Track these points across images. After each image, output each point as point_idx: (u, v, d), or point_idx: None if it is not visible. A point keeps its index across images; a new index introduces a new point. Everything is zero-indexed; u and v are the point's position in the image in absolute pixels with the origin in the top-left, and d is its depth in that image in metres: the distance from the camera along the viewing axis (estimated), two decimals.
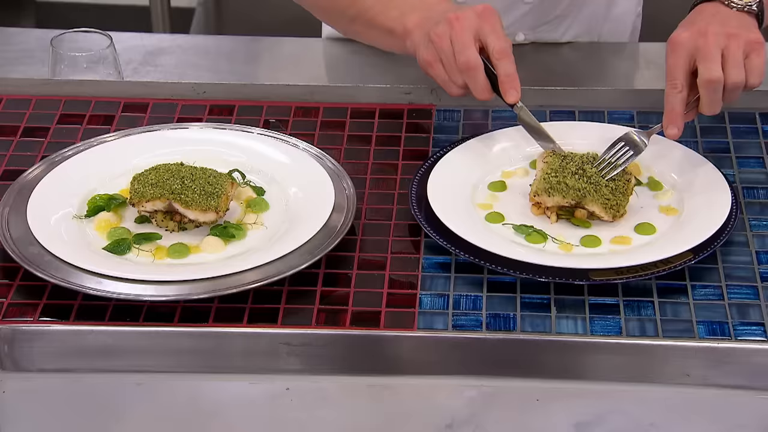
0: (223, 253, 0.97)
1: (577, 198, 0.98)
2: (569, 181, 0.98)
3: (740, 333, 0.90)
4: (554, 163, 1.00)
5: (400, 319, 0.92)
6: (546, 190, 0.98)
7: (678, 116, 1.00)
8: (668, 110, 1.00)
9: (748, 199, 1.03)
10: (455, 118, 1.13)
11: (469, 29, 1.02)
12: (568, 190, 0.98)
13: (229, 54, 1.27)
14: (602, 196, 0.98)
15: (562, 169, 0.99)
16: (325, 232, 0.97)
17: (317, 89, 1.15)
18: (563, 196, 0.98)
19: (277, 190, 1.03)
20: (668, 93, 1.00)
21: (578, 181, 0.98)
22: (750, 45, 0.99)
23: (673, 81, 1.00)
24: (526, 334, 0.91)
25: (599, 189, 0.98)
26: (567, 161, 1.00)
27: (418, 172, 1.05)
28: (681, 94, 0.99)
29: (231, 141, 1.07)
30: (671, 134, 1.01)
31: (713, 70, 0.97)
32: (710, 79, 0.98)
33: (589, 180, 0.98)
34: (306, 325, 0.92)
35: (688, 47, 0.99)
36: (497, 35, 1.02)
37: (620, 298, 0.93)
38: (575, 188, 0.98)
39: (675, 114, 1.00)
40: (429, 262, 0.97)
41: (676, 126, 1.00)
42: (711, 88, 0.98)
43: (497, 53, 1.02)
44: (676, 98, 1.00)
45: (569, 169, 0.99)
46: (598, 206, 0.98)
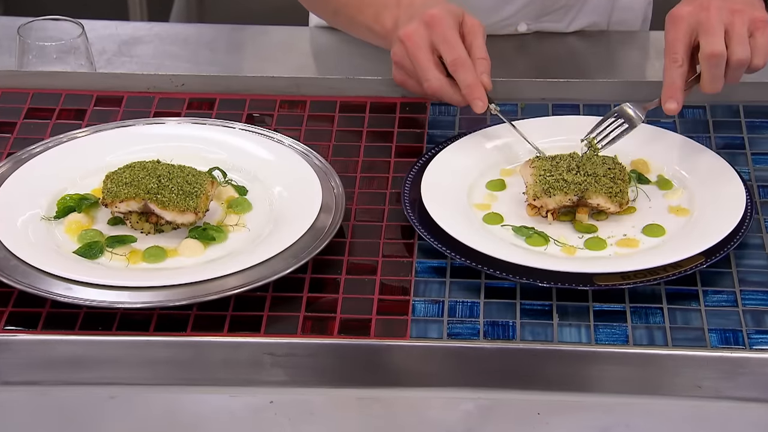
0: (203, 256, 0.97)
1: (579, 192, 0.98)
2: (567, 176, 0.98)
3: (755, 342, 0.90)
4: (545, 165, 1.00)
5: (391, 327, 0.92)
6: (545, 191, 0.98)
7: (678, 90, 1.00)
8: (668, 84, 1.00)
9: (764, 198, 1.03)
10: (451, 113, 1.13)
11: (423, 46, 1.04)
12: (568, 186, 0.98)
13: (210, 43, 1.27)
14: (604, 185, 0.98)
15: (556, 168, 0.99)
16: (312, 234, 0.97)
17: (304, 81, 1.15)
18: (565, 192, 0.98)
19: (261, 189, 1.03)
20: (668, 67, 1.00)
21: (576, 176, 0.98)
22: (755, 23, 0.99)
23: (674, 54, 0.99)
24: (526, 344, 0.91)
25: (599, 179, 0.98)
26: (557, 161, 1.00)
27: (411, 170, 1.05)
28: (682, 68, 0.99)
29: (211, 137, 1.07)
30: (670, 108, 1.00)
31: (716, 43, 0.97)
32: (713, 53, 0.97)
33: (586, 173, 0.98)
34: (291, 333, 0.92)
35: (690, 21, 0.99)
36: (448, 44, 1.03)
37: (627, 305, 0.93)
38: (575, 182, 0.98)
39: (675, 88, 1.00)
40: (423, 267, 0.97)
41: (675, 100, 1.00)
42: (713, 62, 0.98)
43: (451, 65, 1.03)
44: (676, 72, 0.99)
45: (562, 166, 0.99)
46: (602, 197, 0.98)
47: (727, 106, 1.13)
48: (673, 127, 1.10)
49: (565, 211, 1.00)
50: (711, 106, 1.13)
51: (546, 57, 1.25)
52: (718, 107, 1.13)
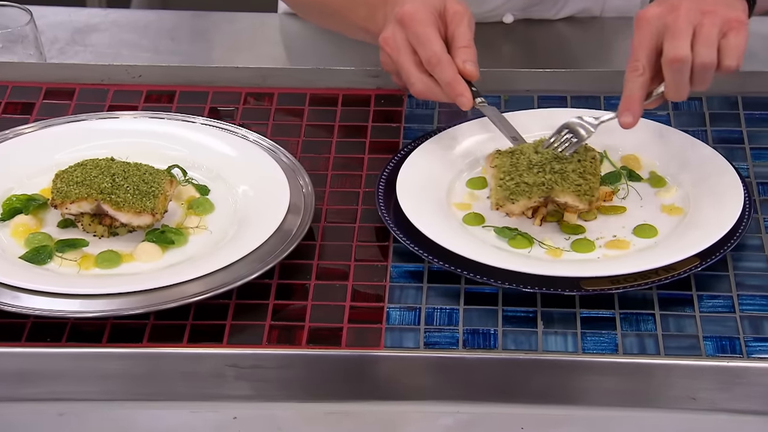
0: (161, 261, 0.97)
1: (545, 194, 0.98)
2: (528, 178, 0.98)
3: (754, 350, 0.91)
4: (504, 165, 0.99)
5: (364, 336, 0.92)
6: (507, 197, 0.97)
7: (635, 102, 0.98)
8: (625, 95, 0.99)
9: (764, 196, 1.04)
10: (429, 105, 1.13)
11: (402, 48, 1.03)
12: (531, 189, 0.97)
13: (172, 32, 1.27)
14: (572, 183, 0.98)
15: (515, 168, 0.98)
16: (279, 236, 0.97)
17: (271, 72, 1.15)
18: (528, 197, 0.98)
19: (224, 188, 1.03)
20: (628, 76, 0.99)
21: (538, 176, 0.98)
22: (728, 23, 0.97)
23: (635, 62, 0.98)
24: (509, 353, 0.91)
25: (566, 176, 0.98)
26: (516, 157, 0.99)
27: (386, 167, 1.05)
28: (642, 77, 0.98)
29: (170, 132, 1.07)
30: (625, 123, 0.99)
31: (679, 47, 0.96)
32: (675, 57, 0.96)
33: (552, 169, 0.98)
34: (256, 344, 0.91)
35: (656, 24, 0.98)
36: (421, 42, 1.03)
37: (616, 311, 0.94)
38: (538, 184, 0.97)
39: (632, 100, 0.98)
40: (398, 271, 0.97)
41: (631, 113, 0.98)
42: (676, 67, 0.97)
43: (428, 64, 1.03)
44: (635, 82, 0.98)
45: (522, 165, 0.99)
46: (570, 195, 0.98)
47: (724, 97, 1.13)
48: (667, 121, 1.11)
49: (552, 212, 1.00)
50: (708, 97, 1.13)
51: (534, 45, 1.25)
52: (714, 99, 1.13)
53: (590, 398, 0.91)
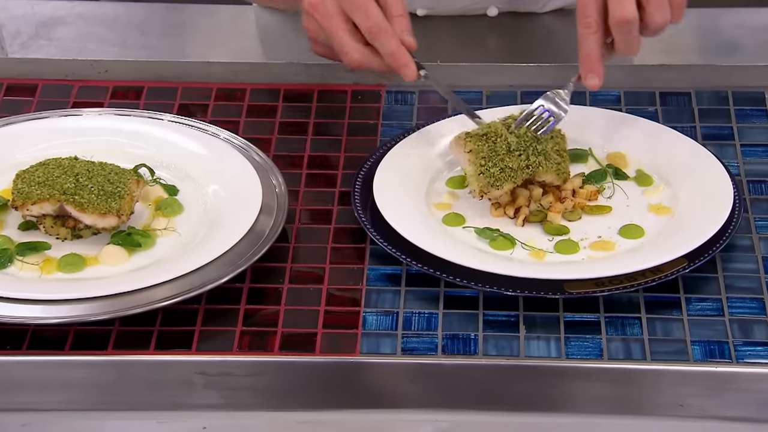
0: (127, 265, 0.96)
1: (529, 175, 0.99)
2: (511, 162, 0.98)
3: (743, 355, 0.91)
4: (481, 150, 0.99)
5: (339, 342, 0.92)
6: (492, 184, 0.97)
7: (596, 61, 0.99)
8: (584, 55, 0.99)
9: (754, 194, 1.04)
10: (408, 101, 1.13)
11: (333, 15, 1.02)
12: (516, 174, 0.98)
13: (142, 25, 1.26)
14: (553, 162, 0.99)
15: (495, 153, 0.98)
16: (251, 238, 0.97)
17: (243, 67, 1.15)
18: (513, 181, 0.98)
19: (193, 188, 1.03)
20: (581, 34, 0.99)
21: (521, 159, 0.98)
22: None
23: (586, 19, 0.98)
24: (490, 359, 0.91)
25: (548, 156, 0.99)
26: (492, 141, 0.99)
27: (363, 166, 1.05)
28: (596, 34, 0.98)
29: (136, 130, 1.07)
30: (592, 85, 0.99)
31: (626, 8, 0.96)
32: (623, 19, 0.97)
33: (535, 151, 0.99)
34: (226, 350, 0.91)
35: None
36: (360, 9, 1.02)
37: (601, 315, 0.94)
38: (522, 167, 0.98)
39: (593, 59, 0.99)
40: (375, 274, 0.97)
41: (595, 74, 0.99)
42: (625, 29, 0.97)
43: (368, 33, 1.02)
44: (591, 39, 0.98)
45: (501, 149, 0.99)
46: (551, 174, 0.99)
47: (714, 92, 1.14)
48: (654, 116, 1.11)
49: (535, 212, 1.00)
50: (697, 92, 1.14)
51: (519, 39, 1.25)
52: (704, 94, 1.14)
53: (574, 405, 0.91)
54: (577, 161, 1.06)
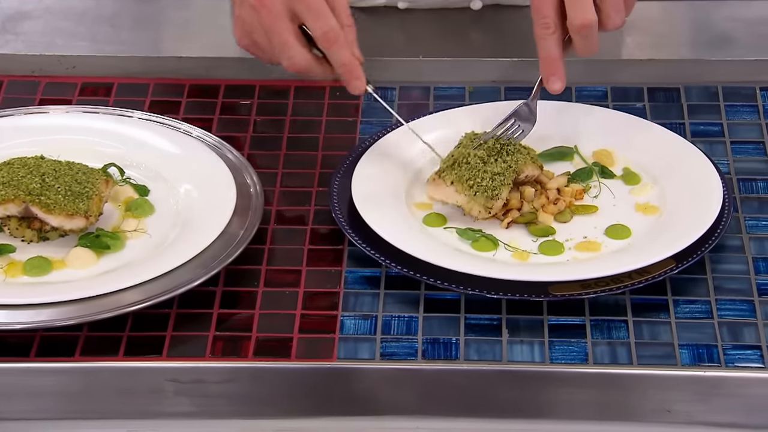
0: (95, 268, 0.96)
1: (515, 173, 1.00)
2: (494, 168, 0.99)
3: (732, 359, 0.91)
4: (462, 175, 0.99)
5: (316, 347, 0.92)
6: (491, 197, 0.98)
7: (557, 63, 0.99)
8: (544, 57, 0.99)
9: (745, 193, 1.04)
10: (389, 97, 1.13)
11: (281, 15, 1.00)
12: (504, 175, 0.98)
13: (111, 18, 1.26)
14: (525, 154, 1.00)
15: (476, 170, 0.99)
16: (224, 240, 0.97)
17: (216, 63, 1.15)
18: (506, 183, 0.99)
19: (164, 188, 1.03)
20: (539, 35, 0.99)
21: (499, 163, 0.99)
22: None
23: (544, 19, 0.98)
24: (472, 364, 0.91)
25: (520, 149, 1.00)
26: (465, 162, 0.99)
27: (341, 165, 1.05)
28: (555, 34, 0.98)
29: (106, 128, 1.07)
30: (555, 89, 1.00)
31: (586, 12, 0.97)
32: (583, 24, 0.97)
33: (508, 151, 1.00)
34: (198, 356, 0.91)
35: None
36: (314, 12, 1.00)
37: (586, 318, 0.94)
38: (507, 167, 0.99)
39: (553, 61, 0.99)
40: (353, 277, 0.97)
41: (557, 77, 0.99)
42: (584, 33, 0.98)
43: (322, 40, 1.01)
44: (550, 40, 0.98)
45: (477, 164, 0.99)
46: (531, 166, 1.00)
47: (703, 87, 1.14)
48: (642, 112, 1.12)
49: (526, 214, 1.00)
50: (685, 87, 1.14)
51: (504, 33, 1.25)
52: (693, 89, 1.14)
53: (558, 411, 0.91)
54: (563, 159, 1.06)
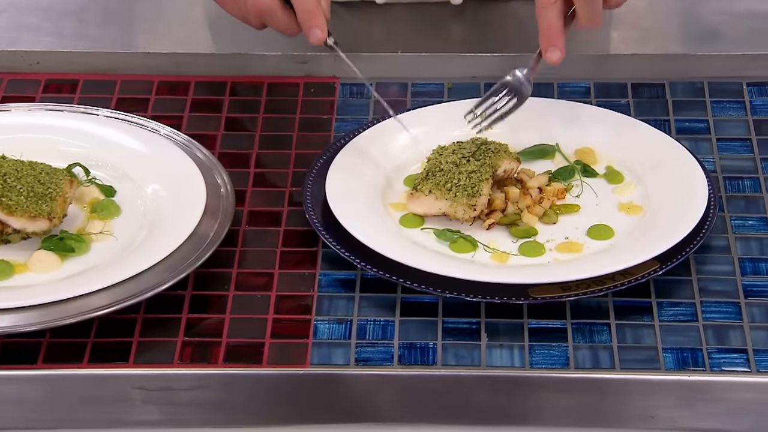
0: (59, 272, 0.96)
1: (492, 168, 1.00)
2: (469, 167, 0.99)
3: (717, 363, 0.91)
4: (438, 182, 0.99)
5: (288, 352, 0.92)
6: (472, 195, 0.98)
7: (558, 33, 1.00)
8: (544, 27, 1.00)
9: (731, 192, 1.05)
10: (365, 94, 1.14)
11: None
12: (480, 171, 0.98)
13: (80, 13, 1.26)
14: (501, 149, 1.01)
15: (451, 174, 0.99)
16: (194, 242, 0.97)
17: (186, 59, 1.15)
18: (484, 179, 0.99)
19: (131, 189, 1.03)
20: (541, 4, 1.00)
21: (473, 162, 0.99)
22: None
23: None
24: (450, 369, 0.91)
25: (492, 145, 1.01)
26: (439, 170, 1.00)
27: (315, 164, 1.05)
28: (556, 4, 0.99)
29: (70, 126, 1.06)
30: (553, 59, 1.01)
31: None
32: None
33: (480, 151, 1.00)
34: (166, 363, 0.91)
35: None
36: None
37: (567, 321, 0.94)
38: (482, 164, 0.99)
39: (553, 31, 1.00)
40: (327, 280, 0.97)
41: (557, 47, 1.00)
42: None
43: None
44: (551, 11, 1.00)
45: (451, 167, 0.99)
46: (507, 158, 1.01)
47: (689, 83, 1.15)
48: (625, 109, 1.12)
49: (510, 215, 1.01)
50: (670, 83, 1.15)
51: (485, 28, 1.25)
52: (678, 85, 1.15)
53: (539, 417, 0.92)
54: (544, 157, 1.06)
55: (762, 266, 0.98)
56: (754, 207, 1.03)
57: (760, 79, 1.14)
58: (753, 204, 1.03)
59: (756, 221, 1.01)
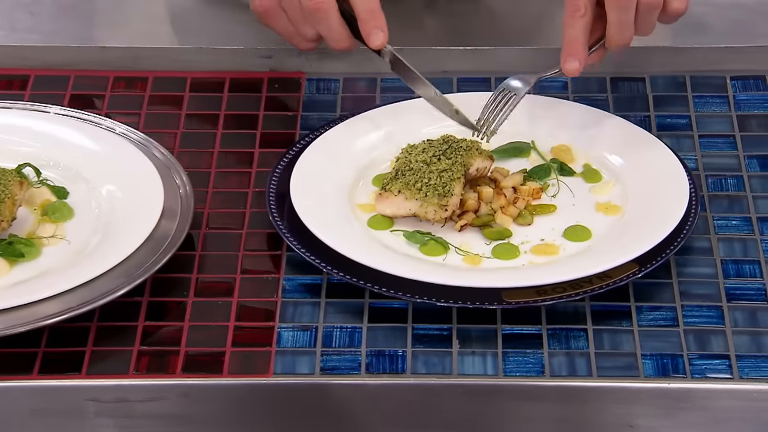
0: (8, 278, 0.96)
1: (464, 167, 1.00)
2: (440, 165, 0.99)
3: (699, 369, 0.92)
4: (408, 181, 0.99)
5: (250, 361, 0.92)
6: (443, 194, 0.98)
7: (580, 46, 1.02)
8: (568, 39, 1.02)
9: (714, 191, 1.05)
10: (332, 90, 1.14)
11: None
12: (452, 171, 0.99)
13: (31, 5, 1.26)
14: (474, 146, 1.01)
15: (421, 173, 0.99)
16: (151, 246, 0.97)
17: (144, 53, 1.15)
18: (457, 178, 0.99)
19: (85, 190, 1.03)
20: (568, 18, 1.02)
21: (443, 160, 0.99)
22: None
23: (576, 2, 1.01)
24: (420, 377, 0.91)
25: (463, 144, 1.01)
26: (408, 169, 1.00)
27: (279, 163, 1.05)
28: (584, 18, 1.01)
29: (20, 124, 1.06)
30: (571, 69, 1.02)
31: None
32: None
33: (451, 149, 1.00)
34: (122, 373, 0.91)
35: None
36: None
37: (543, 327, 0.94)
38: (453, 163, 0.99)
39: (576, 44, 1.02)
40: (292, 285, 0.97)
41: (576, 58, 1.02)
42: (621, 5, 0.99)
43: None
44: (578, 23, 1.01)
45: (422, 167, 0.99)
46: (479, 156, 1.01)
47: (671, 77, 1.15)
48: (604, 105, 1.12)
49: (484, 216, 1.01)
50: (651, 77, 1.15)
51: (454, 20, 1.26)
52: (659, 79, 1.15)
53: (513, 427, 0.92)
54: (519, 156, 1.07)
55: (745, 268, 0.98)
56: (738, 206, 1.03)
57: (745, 73, 1.15)
58: (736, 203, 1.04)
59: (739, 221, 1.02)
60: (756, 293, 0.96)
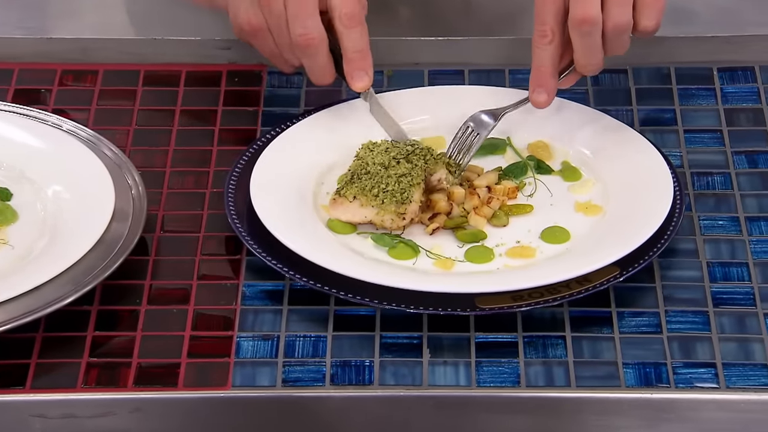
0: None
1: (425, 172, 1.00)
2: (398, 170, 0.99)
3: (683, 378, 0.92)
4: (364, 186, 0.99)
5: (207, 373, 0.92)
6: (401, 201, 0.98)
7: (548, 76, 1.02)
8: (535, 67, 1.02)
9: (699, 189, 1.06)
10: (295, 84, 1.14)
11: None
12: (411, 175, 0.99)
13: None
14: (442, 159, 1.01)
15: (378, 177, 0.99)
16: (101, 250, 0.97)
17: (94, 44, 1.15)
18: (417, 184, 0.99)
19: (30, 191, 1.02)
20: (535, 43, 1.02)
21: (403, 164, 1.00)
22: None
23: (542, 27, 1.01)
24: (388, 389, 0.91)
25: (427, 151, 1.01)
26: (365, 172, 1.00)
27: (239, 162, 1.05)
28: (552, 44, 1.01)
29: None
30: (538, 101, 1.03)
31: (588, 6, 0.99)
32: (583, 19, 0.99)
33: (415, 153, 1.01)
34: (69, 387, 0.91)
35: None
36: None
37: (519, 334, 0.95)
38: (414, 167, 0.99)
39: (543, 73, 1.02)
40: (252, 291, 0.97)
41: (544, 89, 1.02)
42: (584, 30, 1.00)
43: (346, 19, 1.03)
44: (545, 51, 1.01)
45: (380, 170, 1.00)
46: (443, 168, 1.01)
47: (654, 68, 1.16)
48: (584, 98, 1.13)
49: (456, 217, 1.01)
50: (634, 69, 1.16)
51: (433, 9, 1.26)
52: (642, 71, 1.16)
53: None
54: (494, 153, 1.07)
55: (733, 271, 0.99)
56: (725, 206, 1.04)
57: (733, 64, 1.16)
58: (723, 202, 1.04)
59: (726, 221, 1.03)
60: (744, 297, 0.97)
